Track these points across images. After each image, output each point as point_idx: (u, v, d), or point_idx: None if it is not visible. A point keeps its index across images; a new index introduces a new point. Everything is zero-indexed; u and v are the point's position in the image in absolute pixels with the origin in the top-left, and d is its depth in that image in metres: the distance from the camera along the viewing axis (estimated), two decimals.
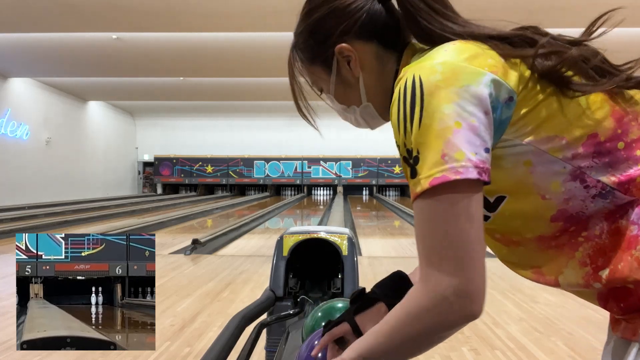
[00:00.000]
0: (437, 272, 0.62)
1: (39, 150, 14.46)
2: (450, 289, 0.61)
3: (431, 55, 0.69)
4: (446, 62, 0.66)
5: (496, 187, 0.69)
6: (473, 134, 0.63)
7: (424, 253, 0.64)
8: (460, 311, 0.62)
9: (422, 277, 0.65)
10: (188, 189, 21.40)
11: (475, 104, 0.63)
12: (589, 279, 0.69)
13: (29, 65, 12.37)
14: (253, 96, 16.07)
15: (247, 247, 6.78)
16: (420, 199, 0.64)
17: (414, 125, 0.64)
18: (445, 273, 0.62)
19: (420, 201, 0.64)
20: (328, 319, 0.94)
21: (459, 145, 0.62)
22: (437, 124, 0.62)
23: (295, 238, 1.73)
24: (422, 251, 0.65)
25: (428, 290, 0.63)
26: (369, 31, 0.80)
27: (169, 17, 8.51)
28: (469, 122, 0.63)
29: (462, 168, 0.61)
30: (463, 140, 0.62)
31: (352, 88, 0.86)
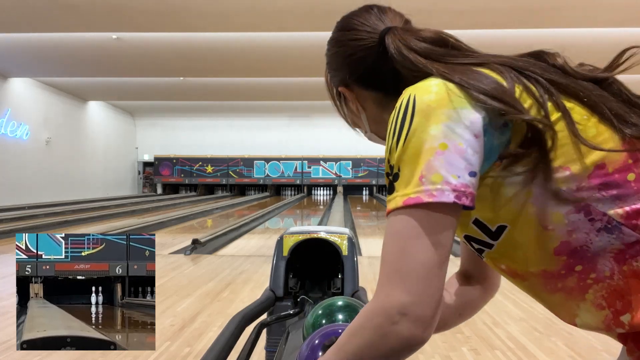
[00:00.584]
0: (389, 288, 0.60)
1: (39, 150, 14.46)
2: (398, 307, 0.59)
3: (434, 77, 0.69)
4: (442, 84, 0.65)
5: (497, 215, 0.67)
6: (459, 156, 0.61)
7: (383, 268, 0.62)
8: (401, 333, 0.59)
9: (375, 292, 0.63)
10: (188, 189, 21.40)
11: (465, 127, 0.62)
12: (610, 323, 0.66)
13: (29, 65, 12.37)
14: (253, 96, 16.07)
15: (247, 247, 6.78)
16: (392, 215, 0.63)
17: (400, 142, 0.63)
18: (398, 290, 0.59)
19: (392, 217, 0.63)
20: (329, 317, 0.94)
21: (438, 168, 0.60)
22: (421, 144, 0.62)
23: (295, 238, 1.73)
24: (382, 266, 0.63)
25: (375, 305, 0.61)
26: (368, 82, 0.83)
27: (169, 17, 8.51)
28: (456, 144, 0.61)
29: (436, 191, 0.60)
30: (445, 163, 0.61)
31: (358, 118, 0.91)
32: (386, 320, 0.59)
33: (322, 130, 20.93)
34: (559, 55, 0.74)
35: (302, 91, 15.21)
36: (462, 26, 8.44)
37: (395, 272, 0.60)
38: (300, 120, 20.97)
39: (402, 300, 0.59)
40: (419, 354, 2.61)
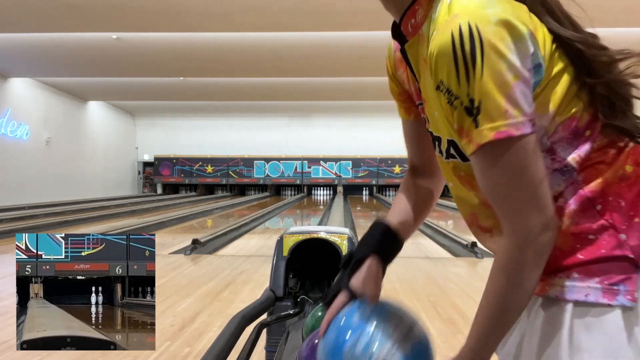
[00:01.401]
0: (525, 215, 0.67)
1: (39, 150, 14.46)
2: (539, 226, 0.67)
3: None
4: (498, 14, 0.65)
5: None
6: (526, 87, 0.66)
7: (503, 203, 0.69)
8: (545, 242, 0.68)
9: (509, 228, 0.69)
10: (188, 189, 21.40)
11: (526, 59, 0.66)
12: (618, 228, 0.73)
13: (29, 65, 12.38)
14: (253, 96, 16.07)
15: (247, 247, 6.78)
16: (483, 149, 0.67)
17: (477, 74, 0.64)
18: (533, 214, 0.67)
19: (485, 152, 0.67)
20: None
21: (519, 100, 0.65)
22: (499, 77, 0.64)
23: (295, 238, 1.73)
24: (500, 201, 0.69)
25: (520, 237, 0.68)
26: None
27: (169, 17, 8.52)
28: (523, 76, 0.65)
29: (521, 124, 0.65)
30: (521, 95, 0.65)
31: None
32: (537, 241, 0.68)
33: (322, 130, 20.92)
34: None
35: (302, 91, 15.21)
36: None
37: (521, 203, 0.68)
38: (300, 120, 20.96)
39: (540, 220, 0.67)
40: None
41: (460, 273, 4.84)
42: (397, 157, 20.36)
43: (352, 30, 9.23)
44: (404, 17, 0.78)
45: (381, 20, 9.31)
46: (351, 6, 7.97)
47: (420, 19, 0.76)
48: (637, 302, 0.69)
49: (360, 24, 8.74)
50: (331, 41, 9.92)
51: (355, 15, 8.32)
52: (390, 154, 20.19)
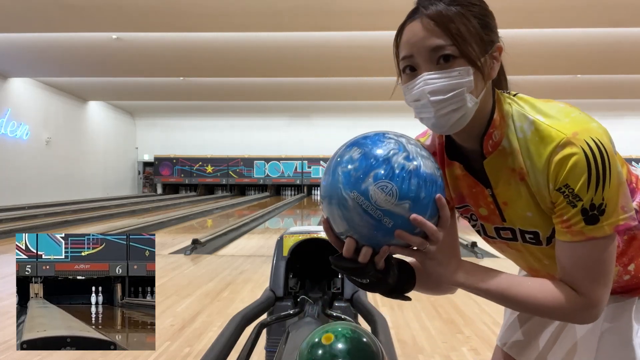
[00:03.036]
0: (598, 285, 0.83)
1: (39, 150, 14.46)
2: (604, 296, 0.83)
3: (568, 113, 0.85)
4: (600, 127, 0.83)
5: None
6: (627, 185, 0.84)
7: (590, 273, 0.83)
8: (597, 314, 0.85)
9: (582, 287, 0.84)
10: (188, 189, 21.39)
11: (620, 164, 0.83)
12: (621, 274, 0.96)
13: (29, 65, 12.37)
14: (253, 96, 16.07)
15: (247, 247, 6.78)
16: (595, 241, 0.81)
17: (606, 183, 0.79)
18: (605, 286, 0.83)
19: (595, 243, 0.81)
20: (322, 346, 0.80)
21: (629, 197, 0.83)
22: (620, 180, 0.81)
23: (295, 238, 1.73)
24: (588, 272, 0.83)
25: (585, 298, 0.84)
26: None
27: (169, 17, 8.51)
28: (624, 177, 0.84)
29: (634, 215, 0.83)
30: (627, 193, 0.83)
31: (483, 82, 0.86)
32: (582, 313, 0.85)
33: (322, 130, 20.92)
34: None
35: (302, 91, 15.21)
36: None
37: (602, 276, 0.83)
38: (300, 120, 20.96)
39: (601, 300, 0.84)
40: (418, 354, 2.61)
41: None
42: None
43: (352, 30, 9.23)
44: (484, 141, 0.89)
45: (381, 21, 9.31)
46: (351, 6, 7.97)
47: (498, 139, 0.89)
48: None
49: (361, 24, 8.74)
50: (331, 41, 9.92)
51: (355, 15, 8.32)
52: None
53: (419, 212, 0.78)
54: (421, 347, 2.70)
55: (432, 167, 0.81)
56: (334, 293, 1.67)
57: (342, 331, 0.81)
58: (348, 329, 0.82)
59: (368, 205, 0.77)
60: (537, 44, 9.62)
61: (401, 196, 0.77)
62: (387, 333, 1.18)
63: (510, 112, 0.88)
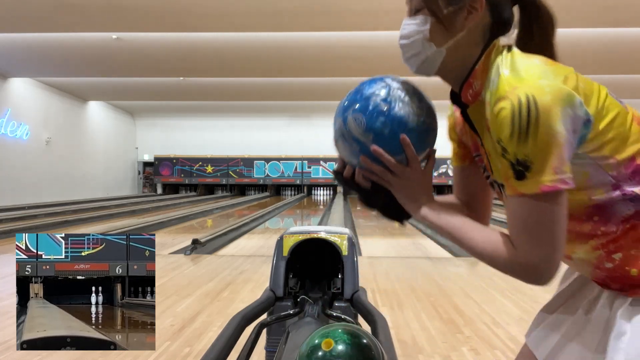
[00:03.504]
0: (531, 245, 0.83)
1: (39, 150, 14.46)
2: (538, 258, 0.83)
3: (529, 71, 0.84)
4: (551, 85, 0.80)
5: None
6: (569, 148, 0.81)
7: (524, 231, 0.84)
8: (535, 275, 0.84)
9: (516, 243, 0.85)
10: (188, 189, 21.39)
11: (571, 123, 0.80)
12: (602, 259, 0.92)
13: (29, 65, 12.37)
14: (253, 96, 16.07)
15: (247, 247, 6.78)
16: (525, 198, 0.82)
17: (530, 138, 0.79)
18: (539, 248, 0.83)
19: (526, 200, 0.82)
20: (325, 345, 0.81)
21: (566, 160, 0.80)
22: (551, 140, 0.78)
23: (295, 238, 1.73)
24: (522, 229, 0.84)
25: (518, 253, 0.85)
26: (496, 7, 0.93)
27: (169, 17, 8.51)
28: (568, 139, 0.80)
29: (568, 179, 0.81)
30: (566, 155, 0.80)
31: (447, 31, 0.92)
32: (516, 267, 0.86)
33: (322, 130, 20.88)
34: None
35: (302, 91, 15.21)
36: None
37: (539, 237, 0.83)
38: (300, 120, 20.96)
39: (543, 254, 0.83)
40: (418, 354, 2.61)
41: (460, 273, 4.83)
42: None
43: (352, 30, 9.23)
44: (462, 89, 0.95)
45: (381, 21, 9.33)
46: (351, 6, 7.97)
47: (478, 89, 0.92)
48: None
49: (361, 24, 8.74)
50: (331, 41, 9.92)
51: (355, 15, 8.32)
52: None
53: (381, 146, 0.92)
54: (421, 347, 2.70)
55: (409, 112, 0.93)
56: (334, 293, 1.67)
57: (342, 336, 0.81)
58: (348, 333, 0.82)
59: (344, 131, 0.95)
60: None
61: (367, 128, 0.92)
62: (387, 333, 1.18)
63: (493, 65, 0.90)
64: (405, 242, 7.14)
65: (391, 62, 9.97)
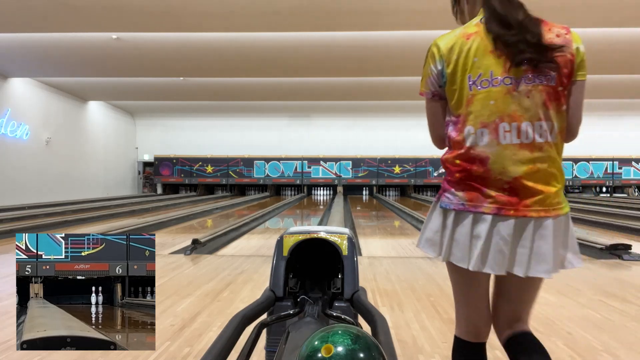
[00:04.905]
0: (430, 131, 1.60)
1: (39, 150, 14.46)
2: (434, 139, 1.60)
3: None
4: (436, 40, 1.51)
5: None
6: (434, 78, 1.50)
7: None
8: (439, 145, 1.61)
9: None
10: (188, 189, 21.39)
11: (436, 65, 1.49)
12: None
13: (29, 65, 12.37)
14: (253, 96, 16.07)
15: (247, 247, 6.78)
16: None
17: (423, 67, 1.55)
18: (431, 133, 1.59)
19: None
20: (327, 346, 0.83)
21: (428, 83, 1.53)
22: (424, 72, 1.53)
23: (295, 238, 1.73)
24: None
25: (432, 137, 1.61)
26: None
27: (169, 17, 8.52)
28: (433, 72, 1.50)
29: (426, 93, 1.54)
30: (429, 80, 1.52)
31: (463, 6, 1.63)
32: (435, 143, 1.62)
33: (322, 130, 20.92)
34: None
35: (302, 91, 15.21)
36: None
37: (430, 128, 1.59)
38: (300, 120, 20.96)
39: (433, 136, 1.59)
40: (419, 355, 2.61)
41: None
42: (397, 157, 20.36)
43: (352, 30, 9.23)
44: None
45: (381, 21, 9.29)
46: (351, 6, 7.97)
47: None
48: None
49: (361, 24, 8.74)
50: (331, 41, 9.92)
51: (355, 15, 8.32)
52: (390, 154, 20.20)
53: None
54: (421, 347, 2.70)
55: None
56: (334, 293, 1.67)
57: (342, 340, 0.81)
58: (348, 336, 0.82)
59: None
60: None
61: None
62: (387, 333, 1.18)
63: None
64: (405, 242, 7.14)
65: (391, 62, 10.08)
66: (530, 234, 1.37)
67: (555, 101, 1.38)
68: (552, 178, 1.40)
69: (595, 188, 21.02)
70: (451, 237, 1.46)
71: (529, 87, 1.36)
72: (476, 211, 1.40)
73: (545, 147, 1.38)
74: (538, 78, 1.36)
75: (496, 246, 1.38)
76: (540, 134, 1.37)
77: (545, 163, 1.38)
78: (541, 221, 1.37)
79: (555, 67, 1.34)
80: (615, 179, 20.60)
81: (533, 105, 1.36)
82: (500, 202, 1.38)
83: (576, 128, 1.46)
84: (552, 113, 1.38)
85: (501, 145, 1.37)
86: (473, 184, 1.42)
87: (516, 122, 1.37)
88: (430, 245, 1.55)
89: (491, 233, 1.38)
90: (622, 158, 20.57)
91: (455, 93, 1.43)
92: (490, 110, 1.38)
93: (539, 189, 1.37)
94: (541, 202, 1.37)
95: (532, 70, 1.36)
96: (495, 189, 1.38)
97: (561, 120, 1.41)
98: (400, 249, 6.57)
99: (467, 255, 1.43)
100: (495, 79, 1.38)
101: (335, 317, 1.44)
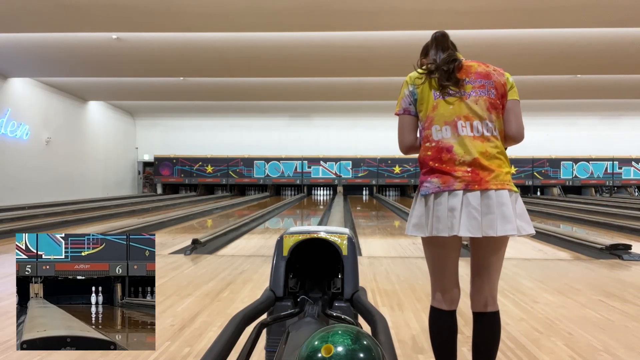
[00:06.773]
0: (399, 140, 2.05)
1: (39, 150, 14.46)
2: (402, 145, 2.06)
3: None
4: (409, 75, 2.06)
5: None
6: (406, 99, 2.01)
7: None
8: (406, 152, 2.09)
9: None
10: (188, 189, 21.39)
11: (409, 89, 2.01)
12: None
13: (29, 65, 12.37)
14: (253, 96, 16.07)
15: (247, 247, 6.78)
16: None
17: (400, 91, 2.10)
18: (400, 140, 2.06)
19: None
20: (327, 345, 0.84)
21: (401, 103, 2.03)
22: (400, 94, 2.05)
23: (295, 238, 1.73)
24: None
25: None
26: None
27: (169, 17, 8.52)
28: (405, 95, 2.02)
29: (399, 111, 2.03)
30: (402, 101, 2.02)
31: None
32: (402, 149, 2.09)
33: (322, 130, 20.93)
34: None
35: (302, 91, 15.21)
36: (462, 26, 8.43)
37: (400, 137, 2.05)
38: (300, 120, 20.96)
39: (402, 144, 2.06)
40: (419, 355, 2.61)
41: (459, 273, 4.83)
42: (397, 157, 20.36)
43: (352, 30, 9.23)
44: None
45: (381, 21, 9.27)
46: (351, 6, 7.97)
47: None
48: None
49: (361, 24, 8.74)
50: (331, 41, 9.92)
51: (355, 15, 8.32)
52: (390, 154, 20.19)
53: None
54: (421, 347, 2.70)
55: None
56: (334, 293, 1.67)
57: (341, 340, 0.81)
58: (348, 337, 0.82)
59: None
60: (537, 44, 9.62)
61: None
62: (387, 333, 1.18)
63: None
64: (405, 242, 7.14)
65: (391, 62, 10.09)
66: (494, 202, 1.80)
67: (494, 110, 1.91)
68: (501, 161, 1.87)
69: (601, 188, 21.01)
70: (433, 214, 1.85)
71: (476, 97, 1.90)
72: (450, 189, 1.83)
73: (492, 139, 1.89)
74: (483, 92, 1.91)
75: (469, 214, 1.79)
76: (487, 129, 1.89)
77: (494, 150, 1.87)
78: (500, 192, 1.81)
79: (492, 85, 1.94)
80: (615, 179, 20.60)
81: (480, 109, 1.89)
82: (466, 180, 1.82)
83: (515, 135, 1.95)
84: (494, 117, 1.91)
85: (460, 136, 1.88)
86: (444, 168, 1.86)
87: (469, 121, 1.88)
88: (417, 228, 1.93)
89: (463, 204, 1.80)
90: (622, 158, 20.56)
91: (424, 104, 1.95)
92: (449, 112, 1.90)
93: (492, 168, 1.84)
94: (496, 178, 1.83)
95: (477, 87, 1.92)
96: (462, 172, 1.83)
97: (500, 124, 1.94)
98: (400, 249, 6.57)
99: (447, 225, 1.82)
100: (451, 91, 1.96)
101: (335, 317, 1.44)
